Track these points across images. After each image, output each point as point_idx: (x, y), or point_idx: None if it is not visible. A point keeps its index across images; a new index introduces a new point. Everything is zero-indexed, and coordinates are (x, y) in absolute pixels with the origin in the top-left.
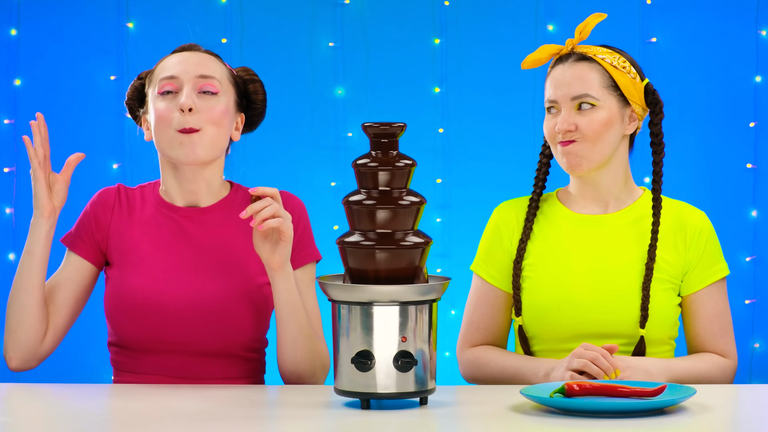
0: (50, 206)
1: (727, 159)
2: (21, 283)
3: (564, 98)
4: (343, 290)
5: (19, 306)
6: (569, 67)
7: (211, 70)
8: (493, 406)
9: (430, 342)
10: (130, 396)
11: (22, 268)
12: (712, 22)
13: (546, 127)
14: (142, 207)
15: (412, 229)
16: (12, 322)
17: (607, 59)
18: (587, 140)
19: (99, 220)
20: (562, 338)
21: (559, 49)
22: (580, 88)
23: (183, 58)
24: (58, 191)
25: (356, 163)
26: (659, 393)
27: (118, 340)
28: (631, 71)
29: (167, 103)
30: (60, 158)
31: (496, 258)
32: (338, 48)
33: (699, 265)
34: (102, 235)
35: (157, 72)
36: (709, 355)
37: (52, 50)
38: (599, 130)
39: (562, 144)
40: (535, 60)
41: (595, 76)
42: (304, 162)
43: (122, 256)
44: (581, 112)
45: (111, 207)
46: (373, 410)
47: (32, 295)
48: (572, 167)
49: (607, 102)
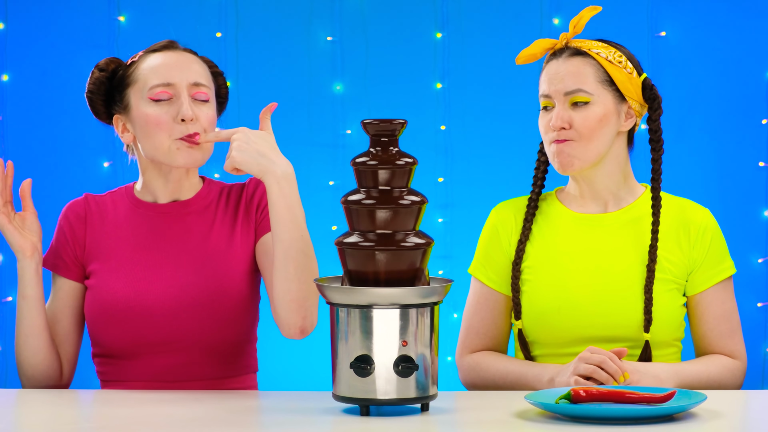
0: (29, 244)
1: (738, 157)
2: (25, 328)
3: (557, 94)
4: (341, 293)
5: (29, 351)
6: (563, 62)
7: (201, 76)
8: (496, 412)
9: (431, 346)
10: (119, 402)
11: (22, 314)
12: (723, 15)
13: (540, 124)
14: (115, 211)
15: (413, 229)
16: (27, 367)
17: (602, 54)
18: (582, 138)
19: (75, 234)
20: (563, 343)
21: (554, 44)
22: (574, 83)
23: (172, 61)
24: (30, 225)
25: (355, 162)
26: (668, 399)
27: (102, 349)
28: (628, 66)
29: (162, 109)
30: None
31: (494, 260)
32: (337, 42)
33: (704, 264)
34: (80, 249)
35: (144, 75)
36: (718, 357)
37: (40, 44)
38: (594, 126)
39: (556, 142)
40: (529, 55)
41: (590, 71)
42: (302, 160)
43: (101, 264)
44: (575, 108)
45: (83, 219)
46: (372, 417)
47: (39, 338)
48: (564, 166)
49: (601, 97)
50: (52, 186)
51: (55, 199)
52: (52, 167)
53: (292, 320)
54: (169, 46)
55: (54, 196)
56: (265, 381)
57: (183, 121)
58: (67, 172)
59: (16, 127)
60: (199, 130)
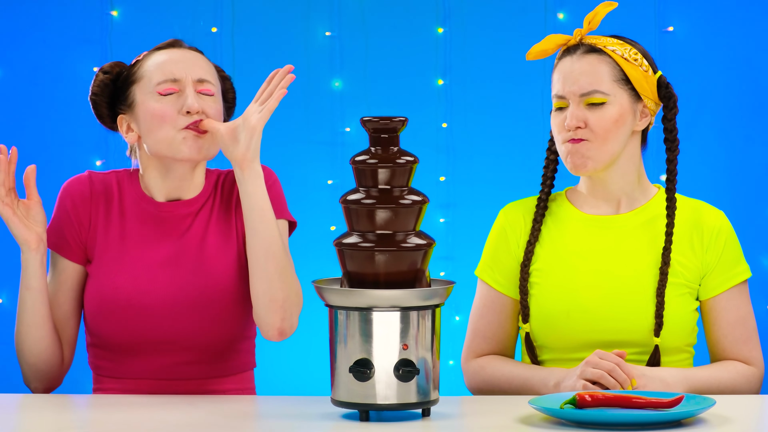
0: (34, 236)
1: (748, 156)
2: (28, 318)
3: (572, 95)
4: (340, 295)
5: (32, 340)
6: (578, 60)
7: (206, 73)
8: (499, 417)
9: (432, 350)
10: (113, 407)
11: (25, 304)
12: (732, 9)
13: (554, 123)
14: (120, 199)
15: (414, 230)
16: (29, 356)
17: (617, 51)
18: (597, 138)
19: (80, 216)
20: (572, 347)
21: (567, 40)
22: (590, 84)
23: (178, 57)
24: (35, 215)
25: (354, 160)
26: (676, 404)
27: (98, 340)
28: (643, 63)
29: (168, 103)
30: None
31: (502, 262)
32: (335, 37)
33: (718, 268)
34: (85, 232)
35: (149, 72)
36: (732, 363)
37: (31, 40)
38: (609, 127)
39: (570, 142)
40: (540, 51)
41: (606, 70)
42: (299, 159)
43: (102, 252)
44: (591, 108)
45: (88, 200)
46: (372, 422)
47: (43, 328)
48: (577, 167)
49: (617, 97)
50: (42, 185)
51: (46, 197)
52: (43, 165)
53: (271, 320)
54: (174, 44)
55: (44, 194)
56: (263, 381)
57: (188, 113)
58: (58, 171)
59: (7, 123)
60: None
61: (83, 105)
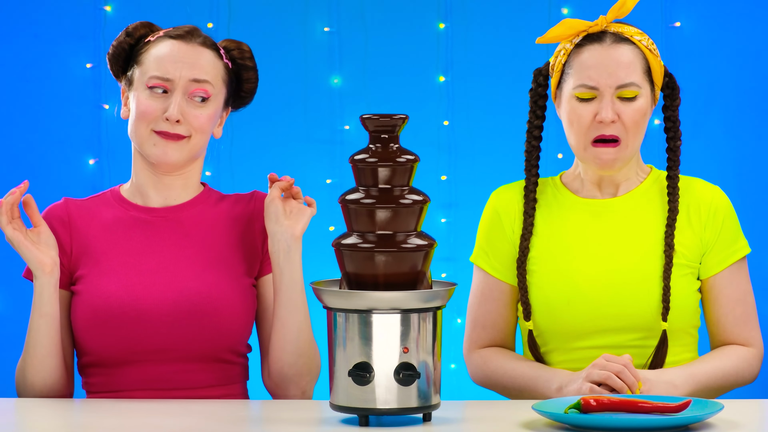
0: (49, 260)
1: (756, 151)
2: (43, 348)
3: (607, 86)
4: (339, 297)
5: (46, 371)
6: (608, 50)
7: (206, 72)
8: (502, 422)
9: (434, 353)
10: (106, 412)
11: (40, 333)
12: (739, 4)
13: (581, 115)
14: (101, 214)
15: (415, 230)
16: (42, 386)
17: (643, 42)
18: (628, 132)
19: (60, 240)
20: (574, 335)
21: (588, 26)
22: (627, 76)
23: (179, 54)
24: (47, 240)
25: (354, 159)
26: (683, 408)
27: (91, 358)
28: (658, 54)
29: (154, 100)
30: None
31: (497, 247)
32: (334, 33)
33: (718, 245)
34: (65, 256)
35: (149, 61)
36: (733, 348)
37: (23, 35)
38: (640, 121)
39: (604, 145)
40: (555, 36)
41: (637, 61)
42: (297, 157)
43: (90, 269)
44: (623, 101)
45: (67, 223)
46: (372, 427)
47: (58, 356)
48: (603, 166)
49: (645, 89)
50: (34, 184)
51: (38, 197)
52: (34, 164)
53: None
54: (185, 36)
55: (36, 194)
56: (256, 390)
57: (167, 120)
58: (49, 170)
59: None
60: (185, 132)
61: (76, 101)
